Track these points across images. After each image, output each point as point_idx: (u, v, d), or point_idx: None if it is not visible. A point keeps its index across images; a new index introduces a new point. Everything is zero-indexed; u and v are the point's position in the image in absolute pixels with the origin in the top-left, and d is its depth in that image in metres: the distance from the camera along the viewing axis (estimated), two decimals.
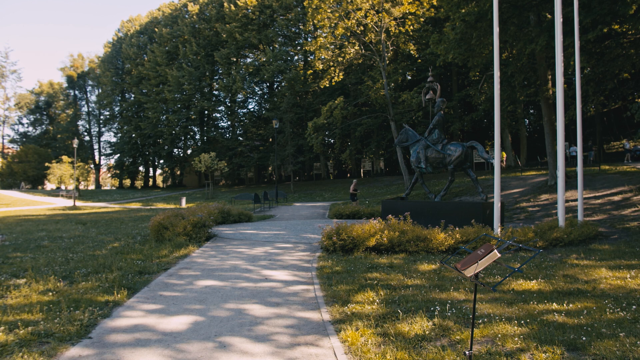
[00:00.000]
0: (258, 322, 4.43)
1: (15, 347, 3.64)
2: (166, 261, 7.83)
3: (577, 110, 11.51)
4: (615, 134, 36.39)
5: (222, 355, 3.59)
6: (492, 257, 2.56)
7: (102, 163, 63.88)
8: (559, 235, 9.25)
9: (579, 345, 3.56)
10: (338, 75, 31.90)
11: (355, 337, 3.85)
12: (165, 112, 48.70)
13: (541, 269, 6.76)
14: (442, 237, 8.72)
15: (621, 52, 15.80)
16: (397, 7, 27.39)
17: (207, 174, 43.02)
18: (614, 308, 4.59)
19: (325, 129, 29.97)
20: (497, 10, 10.22)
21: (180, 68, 45.67)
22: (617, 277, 6.07)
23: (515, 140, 34.42)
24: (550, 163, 17.85)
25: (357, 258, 8.03)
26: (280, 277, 6.70)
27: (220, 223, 14.70)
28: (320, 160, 44.38)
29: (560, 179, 10.01)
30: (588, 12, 13.37)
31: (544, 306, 4.75)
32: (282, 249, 9.51)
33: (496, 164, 10.02)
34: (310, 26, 36.14)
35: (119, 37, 58.63)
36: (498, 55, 10.18)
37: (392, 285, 5.85)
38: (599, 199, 14.82)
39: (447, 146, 12.40)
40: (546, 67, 18.88)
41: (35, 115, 64.24)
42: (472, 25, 15.75)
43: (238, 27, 41.87)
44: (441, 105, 12.82)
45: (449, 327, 4.10)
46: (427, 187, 13.53)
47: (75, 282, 6.04)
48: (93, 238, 11.64)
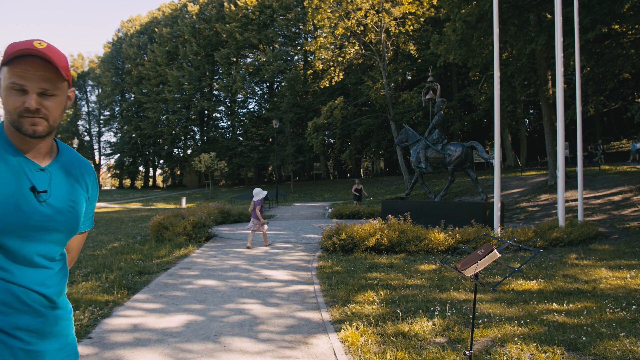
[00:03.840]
0: (258, 322, 4.43)
1: None
2: (166, 261, 7.83)
3: (577, 110, 11.51)
4: (615, 134, 36.38)
5: (222, 355, 3.59)
6: (492, 257, 2.56)
7: (102, 163, 63.86)
8: (559, 235, 9.25)
9: (579, 345, 3.56)
10: (338, 75, 31.90)
11: (355, 337, 3.85)
12: (165, 112, 48.70)
13: (541, 269, 6.76)
14: (442, 237, 8.72)
15: (621, 52, 15.80)
16: (397, 7, 27.40)
17: (207, 174, 43.02)
18: (614, 308, 4.59)
19: (325, 129, 29.98)
20: (497, 11, 10.22)
21: (180, 68, 45.67)
22: (617, 277, 6.07)
23: (515, 140, 34.42)
24: (550, 163, 17.85)
25: (357, 258, 8.02)
26: (280, 277, 6.70)
27: (220, 223, 14.70)
28: (320, 160, 44.38)
29: (560, 179, 10.00)
30: (588, 12, 13.37)
31: (544, 306, 4.75)
32: (282, 249, 9.51)
33: (496, 164, 10.02)
34: (310, 26, 36.16)
35: (119, 37, 58.63)
36: (498, 55, 10.18)
37: (392, 285, 5.85)
38: (599, 199, 14.82)
39: (447, 146, 12.39)
40: (546, 67, 18.88)
41: None
42: (472, 26, 15.75)
43: (238, 27, 41.87)
44: (441, 105, 12.82)
45: (449, 327, 4.10)
46: (427, 187, 13.53)
47: (75, 282, 6.04)
48: (93, 238, 11.64)
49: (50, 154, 1.26)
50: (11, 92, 1.11)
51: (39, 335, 1.17)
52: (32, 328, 1.15)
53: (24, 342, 1.14)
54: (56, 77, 1.14)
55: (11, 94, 1.11)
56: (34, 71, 1.10)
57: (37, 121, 1.13)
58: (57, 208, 1.20)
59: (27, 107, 1.11)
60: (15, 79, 1.10)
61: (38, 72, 1.11)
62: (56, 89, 1.15)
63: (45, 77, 1.12)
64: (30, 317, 1.15)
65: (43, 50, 1.09)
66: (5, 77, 1.11)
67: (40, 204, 1.17)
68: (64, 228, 1.22)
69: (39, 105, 1.12)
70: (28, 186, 1.16)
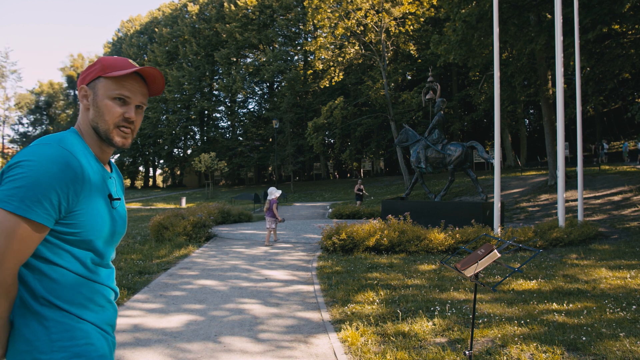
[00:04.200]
0: (258, 322, 4.43)
1: None
2: (166, 261, 7.83)
3: (577, 110, 11.52)
4: (615, 134, 36.38)
5: (222, 355, 3.59)
6: (492, 257, 2.56)
7: None
8: (559, 235, 9.25)
9: (579, 345, 3.56)
10: (338, 75, 31.88)
11: (355, 337, 3.85)
12: (165, 112, 48.67)
13: (541, 269, 6.76)
14: (442, 237, 8.72)
15: (621, 52, 15.81)
16: (397, 7, 27.39)
17: (207, 174, 43.01)
18: (614, 308, 4.59)
19: (325, 129, 29.97)
20: (497, 11, 10.22)
21: (180, 68, 45.66)
22: (617, 277, 6.07)
23: (515, 140, 34.42)
24: (550, 163, 17.85)
25: (357, 258, 8.02)
26: (280, 277, 6.70)
27: (220, 223, 14.69)
28: (320, 160, 44.37)
29: (560, 179, 10.01)
30: (588, 12, 13.38)
31: (544, 306, 4.75)
32: (282, 249, 9.51)
33: (496, 164, 10.02)
34: (310, 26, 36.14)
35: (119, 37, 58.62)
36: (498, 55, 10.18)
37: (392, 285, 5.86)
38: (599, 199, 14.82)
39: (447, 146, 12.39)
40: (546, 67, 18.88)
41: (35, 115, 64.20)
42: (472, 26, 15.76)
43: (238, 27, 41.85)
44: (441, 105, 12.82)
45: (449, 327, 4.10)
46: (427, 187, 13.53)
47: None
48: None
49: (108, 164, 1.38)
50: (114, 103, 1.23)
51: (113, 328, 1.33)
52: (112, 322, 1.31)
53: (111, 335, 1.29)
54: (147, 94, 1.30)
55: (114, 104, 1.23)
56: (139, 87, 1.26)
57: (128, 133, 1.27)
58: (121, 213, 1.33)
59: (128, 117, 1.24)
60: (122, 90, 1.23)
61: (140, 88, 1.27)
62: (145, 105, 1.31)
63: (144, 93, 1.28)
64: (112, 313, 1.31)
65: (154, 72, 1.25)
66: (108, 88, 1.23)
67: (114, 210, 1.29)
68: (124, 231, 1.36)
69: (134, 117, 1.26)
70: (107, 193, 1.27)
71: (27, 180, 1.07)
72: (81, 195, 1.15)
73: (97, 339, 1.21)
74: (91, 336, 1.19)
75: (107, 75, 1.22)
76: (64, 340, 1.14)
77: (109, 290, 1.30)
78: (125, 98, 1.23)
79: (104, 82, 1.22)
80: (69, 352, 1.14)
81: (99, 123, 1.23)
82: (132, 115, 1.24)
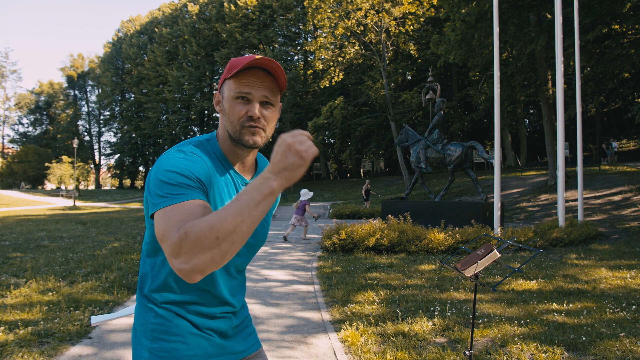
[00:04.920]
0: (258, 322, 4.43)
1: (15, 347, 3.64)
2: None
3: (577, 110, 11.52)
4: (615, 134, 36.37)
5: None
6: (492, 257, 2.55)
7: (102, 163, 63.91)
8: (559, 235, 9.25)
9: (579, 345, 3.56)
10: (338, 75, 31.88)
11: (355, 337, 3.85)
12: (165, 112, 48.71)
13: (541, 269, 6.76)
14: (442, 237, 8.72)
15: (621, 52, 15.81)
16: (397, 7, 27.39)
17: None
18: (614, 308, 4.59)
19: (325, 129, 29.97)
20: (497, 11, 10.22)
21: (180, 68, 45.68)
22: (617, 277, 6.07)
23: (515, 140, 34.42)
24: (550, 163, 17.85)
25: (357, 258, 8.02)
26: (279, 276, 6.70)
27: None
28: (320, 160, 44.39)
29: (560, 179, 10.01)
30: (588, 12, 13.38)
31: (544, 306, 4.75)
32: (282, 249, 9.51)
33: (496, 164, 10.02)
34: (310, 26, 36.13)
35: (119, 37, 58.61)
36: (498, 55, 10.19)
37: (392, 285, 5.85)
38: (599, 199, 14.82)
39: (447, 146, 12.39)
40: (546, 67, 18.88)
41: (35, 115, 64.21)
42: (472, 26, 15.77)
43: (238, 27, 41.86)
44: (441, 105, 12.82)
45: (449, 327, 4.10)
46: (427, 187, 13.53)
47: (75, 282, 6.04)
48: (93, 238, 11.64)
49: (252, 167, 1.33)
50: (236, 102, 1.18)
51: (223, 335, 1.28)
52: (222, 330, 1.27)
53: (214, 337, 1.26)
54: (275, 87, 1.21)
55: (236, 104, 1.18)
56: (260, 82, 1.18)
57: (257, 131, 1.20)
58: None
59: (251, 115, 1.17)
60: (241, 88, 1.17)
61: (262, 82, 1.18)
62: (275, 99, 1.22)
63: (268, 87, 1.19)
64: (222, 322, 1.27)
65: (268, 63, 1.16)
66: (231, 88, 1.19)
67: None
68: (257, 242, 1.30)
69: (260, 113, 1.18)
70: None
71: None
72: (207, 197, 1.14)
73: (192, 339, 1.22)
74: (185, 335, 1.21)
75: (229, 77, 1.20)
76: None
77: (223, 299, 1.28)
78: (246, 95, 1.18)
79: (228, 84, 1.20)
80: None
81: (227, 126, 1.21)
82: (256, 113, 1.17)
